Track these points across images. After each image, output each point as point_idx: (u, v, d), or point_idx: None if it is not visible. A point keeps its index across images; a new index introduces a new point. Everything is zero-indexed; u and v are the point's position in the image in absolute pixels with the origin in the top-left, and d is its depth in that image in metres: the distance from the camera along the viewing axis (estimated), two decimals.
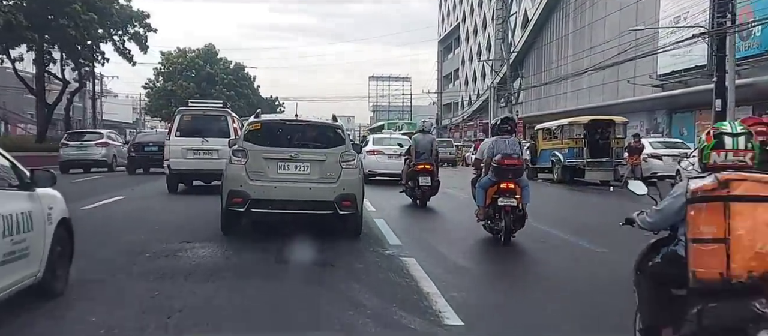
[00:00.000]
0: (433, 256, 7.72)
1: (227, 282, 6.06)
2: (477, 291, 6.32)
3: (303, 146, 8.39)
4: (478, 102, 61.98)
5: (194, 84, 53.01)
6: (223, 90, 53.24)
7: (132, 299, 5.29)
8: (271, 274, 6.56)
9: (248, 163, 8.12)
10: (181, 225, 9.62)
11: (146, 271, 6.36)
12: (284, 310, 5.24)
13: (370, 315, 5.01)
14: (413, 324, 4.84)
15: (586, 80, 40.77)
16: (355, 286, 5.92)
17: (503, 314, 5.45)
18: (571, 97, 43.87)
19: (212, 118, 14.87)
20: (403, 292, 5.77)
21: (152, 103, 54.51)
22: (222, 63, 55.54)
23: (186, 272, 6.31)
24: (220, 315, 5.02)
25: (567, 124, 23.61)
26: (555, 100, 46.29)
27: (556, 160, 22.87)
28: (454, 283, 6.17)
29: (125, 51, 35.73)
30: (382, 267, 6.92)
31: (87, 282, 5.70)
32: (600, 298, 5.83)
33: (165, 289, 5.60)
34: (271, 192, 8.03)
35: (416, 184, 13.02)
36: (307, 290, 5.80)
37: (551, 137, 24.46)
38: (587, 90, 41.26)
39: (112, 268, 6.44)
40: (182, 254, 7.24)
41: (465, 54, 72.70)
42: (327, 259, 7.13)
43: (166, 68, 53.90)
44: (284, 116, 9.84)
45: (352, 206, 8.19)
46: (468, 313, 5.09)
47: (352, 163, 8.37)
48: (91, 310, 4.94)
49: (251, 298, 5.54)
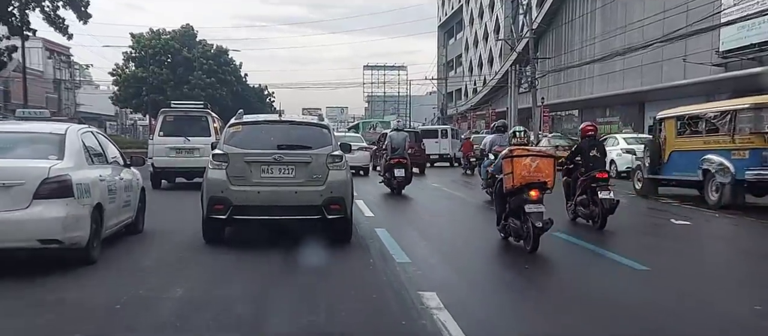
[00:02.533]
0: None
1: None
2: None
3: (287, 148, 7.95)
4: (485, 90, 56.23)
5: (168, 70, 47.14)
6: (202, 77, 47.33)
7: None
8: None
9: (229, 167, 7.77)
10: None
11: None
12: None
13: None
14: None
15: (620, 62, 35.22)
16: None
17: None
18: (599, 82, 38.30)
19: (194, 119, 15.64)
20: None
21: (121, 92, 48.21)
22: (201, 46, 49.39)
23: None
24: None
25: (747, 108, 12.77)
26: (578, 85, 40.65)
27: (718, 169, 12.82)
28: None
29: (57, 20, 29.67)
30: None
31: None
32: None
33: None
34: (255, 197, 7.70)
35: (392, 176, 15.12)
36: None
37: (697, 130, 14.02)
38: (621, 73, 35.64)
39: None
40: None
41: (469, 38, 67.05)
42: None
43: (137, 52, 47.86)
44: (267, 116, 9.70)
45: (340, 210, 7.88)
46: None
47: (339, 164, 8.00)
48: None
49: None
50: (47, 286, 5.71)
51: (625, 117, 36.95)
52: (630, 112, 36.39)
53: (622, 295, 6.01)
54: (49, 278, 5.99)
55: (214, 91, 48.33)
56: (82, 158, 6.94)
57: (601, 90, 37.84)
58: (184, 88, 47.07)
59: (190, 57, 47.16)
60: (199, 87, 47.04)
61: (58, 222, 6.09)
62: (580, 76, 39.98)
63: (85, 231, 6.46)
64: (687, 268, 7.48)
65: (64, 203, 6.18)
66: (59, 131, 7.00)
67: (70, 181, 6.28)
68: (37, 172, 6.15)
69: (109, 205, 7.23)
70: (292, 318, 4.98)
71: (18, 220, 5.97)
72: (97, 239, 6.81)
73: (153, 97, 46.36)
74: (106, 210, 7.09)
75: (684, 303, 5.78)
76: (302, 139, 8.16)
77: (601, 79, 38.13)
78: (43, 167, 6.22)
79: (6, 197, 5.99)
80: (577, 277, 7.08)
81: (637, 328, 5.01)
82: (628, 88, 34.68)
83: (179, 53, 48.07)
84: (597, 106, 39.53)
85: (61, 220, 6.12)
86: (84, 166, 6.88)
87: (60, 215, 6.12)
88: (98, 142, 7.89)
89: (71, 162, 6.60)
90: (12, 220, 5.96)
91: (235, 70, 55.01)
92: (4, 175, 6.06)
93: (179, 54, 48.11)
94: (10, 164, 6.29)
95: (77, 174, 6.50)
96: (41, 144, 6.78)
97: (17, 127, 8.07)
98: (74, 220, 6.28)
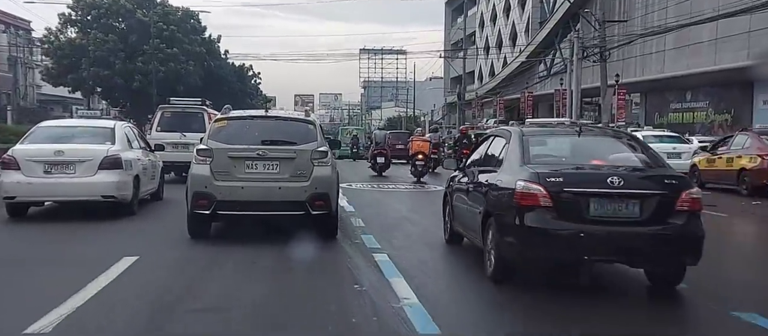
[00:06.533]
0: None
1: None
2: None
3: (272, 143, 7.96)
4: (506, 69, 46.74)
5: (117, 36, 37.48)
6: (161, 46, 37.75)
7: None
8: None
9: (213, 162, 7.78)
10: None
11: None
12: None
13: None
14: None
15: (709, 30, 25.98)
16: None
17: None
18: (673, 57, 29.07)
19: (190, 115, 16.25)
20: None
21: (55, 64, 38.31)
22: (161, 8, 39.67)
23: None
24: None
25: None
26: (640, 62, 31.36)
27: None
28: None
29: None
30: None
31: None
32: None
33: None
34: (238, 193, 7.73)
35: (375, 161, 21.84)
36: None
37: None
38: (712, 44, 26.37)
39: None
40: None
41: (485, 14, 57.64)
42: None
43: (78, 15, 38.21)
44: (253, 112, 9.82)
45: (325, 206, 7.86)
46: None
47: (324, 160, 7.98)
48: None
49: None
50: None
51: (719, 103, 27.70)
52: (728, 97, 27.13)
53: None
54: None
55: (178, 65, 38.84)
56: (126, 143, 10.39)
57: (678, 67, 28.65)
58: (138, 61, 37.59)
59: (146, 20, 37.41)
60: (158, 60, 37.51)
61: (113, 184, 9.55)
62: (643, 51, 30.63)
63: (130, 192, 9.92)
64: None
65: (117, 173, 9.61)
66: (109, 125, 10.92)
67: (120, 158, 9.74)
68: (100, 152, 9.64)
69: (143, 177, 10.59)
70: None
71: (89, 182, 9.44)
72: (136, 199, 10.19)
73: (95, 71, 36.80)
74: (141, 180, 10.49)
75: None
76: (287, 135, 8.21)
77: (676, 54, 28.89)
78: (104, 149, 9.75)
79: (82, 168, 9.45)
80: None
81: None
82: (723, 63, 25.51)
83: (132, 15, 38.38)
84: (671, 88, 30.32)
85: (115, 184, 9.58)
86: (127, 149, 10.30)
87: (115, 180, 9.57)
88: (133, 133, 11.33)
89: (120, 146, 10.07)
90: (86, 183, 9.43)
91: (209, 41, 45.38)
92: (81, 154, 9.55)
93: (132, 16, 38.43)
94: (83, 147, 9.78)
95: (124, 154, 9.96)
96: (99, 134, 10.37)
97: (83, 122, 13.59)
98: (124, 184, 9.74)
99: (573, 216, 5.35)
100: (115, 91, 40.75)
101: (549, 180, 5.43)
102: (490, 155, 6.86)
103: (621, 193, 5.37)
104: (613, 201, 5.37)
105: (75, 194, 9.45)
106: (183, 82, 39.36)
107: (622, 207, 5.39)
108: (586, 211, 5.34)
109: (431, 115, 64.48)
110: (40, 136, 10.09)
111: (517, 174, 5.69)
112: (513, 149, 6.12)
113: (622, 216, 5.39)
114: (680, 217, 5.42)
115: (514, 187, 5.53)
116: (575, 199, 5.38)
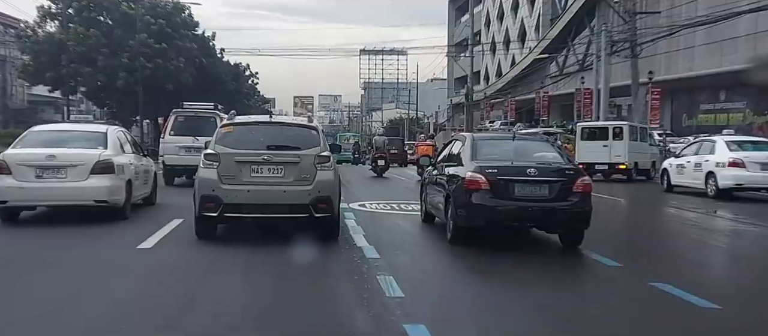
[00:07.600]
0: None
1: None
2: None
3: (277, 148, 8.24)
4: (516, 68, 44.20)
5: (100, 31, 34.88)
6: (148, 41, 35.19)
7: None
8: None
9: (220, 166, 8.07)
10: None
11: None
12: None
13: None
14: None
15: (747, 24, 23.51)
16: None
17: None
18: (703, 54, 26.56)
19: (203, 119, 16.42)
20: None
21: (34, 63, 35.62)
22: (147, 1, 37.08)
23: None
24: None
25: None
26: (665, 60, 28.80)
27: None
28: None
29: None
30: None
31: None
32: None
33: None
34: (245, 196, 7.99)
35: (376, 164, 23.60)
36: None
37: None
38: (747, 39, 23.86)
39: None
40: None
41: (492, 12, 55.15)
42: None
43: (58, 8, 35.63)
44: (258, 118, 9.93)
45: (328, 208, 8.14)
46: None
47: (327, 165, 8.27)
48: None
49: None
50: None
51: (759, 103, 25.17)
52: None
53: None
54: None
55: (167, 62, 36.27)
56: (118, 148, 10.34)
57: (710, 65, 26.13)
58: (124, 58, 35.02)
59: (131, 13, 34.88)
60: (145, 56, 34.96)
61: (106, 189, 9.51)
62: (670, 48, 28.12)
63: (122, 196, 9.88)
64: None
65: (109, 177, 9.57)
66: (102, 130, 10.73)
67: (113, 163, 9.70)
68: (92, 156, 9.58)
69: (135, 181, 10.58)
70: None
71: (82, 187, 9.37)
72: (129, 204, 10.18)
73: (75, 68, 34.20)
74: (133, 184, 10.44)
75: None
76: (291, 140, 8.44)
77: (707, 50, 26.37)
78: (96, 153, 9.68)
79: (74, 172, 9.38)
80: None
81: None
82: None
83: (117, 8, 35.83)
84: (701, 87, 27.78)
85: (107, 188, 9.53)
86: (120, 153, 10.27)
87: (107, 185, 9.53)
88: (126, 138, 11.32)
89: (112, 150, 10.02)
90: (78, 187, 9.36)
91: (202, 38, 42.80)
92: (73, 159, 9.47)
93: (117, 10, 35.87)
94: (75, 152, 9.69)
95: (116, 158, 9.94)
96: (92, 138, 10.25)
97: (76, 127, 12.74)
98: (116, 188, 9.70)
99: (504, 195, 7.54)
100: (100, 91, 38.26)
101: (488, 171, 7.61)
102: (453, 154, 9.04)
103: (536, 180, 7.58)
104: (531, 185, 7.58)
105: (67, 199, 9.48)
106: (173, 81, 36.80)
107: (537, 189, 7.60)
108: (512, 192, 7.56)
109: (436, 116, 61.94)
110: (32, 141, 10.07)
111: (468, 167, 7.92)
112: (465, 150, 8.40)
113: (537, 196, 7.60)
114: (576, 196, 7.64)
115: (464, 175, 7.79)
116: (505, 183, 7.56)
